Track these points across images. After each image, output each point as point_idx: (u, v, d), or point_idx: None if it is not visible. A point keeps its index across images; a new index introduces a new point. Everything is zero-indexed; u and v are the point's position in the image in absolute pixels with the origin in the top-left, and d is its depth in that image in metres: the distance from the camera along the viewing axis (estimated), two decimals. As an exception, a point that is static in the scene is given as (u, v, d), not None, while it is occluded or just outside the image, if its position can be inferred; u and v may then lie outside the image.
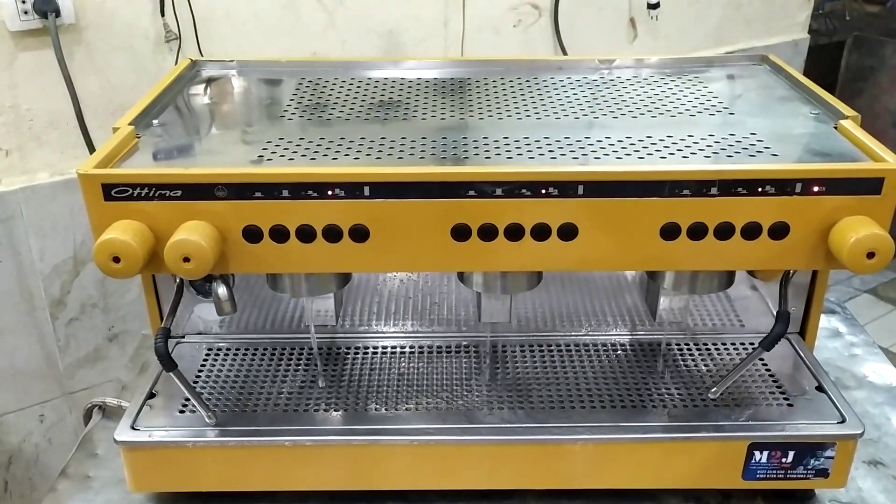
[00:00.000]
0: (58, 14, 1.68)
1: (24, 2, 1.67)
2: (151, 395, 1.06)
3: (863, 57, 3.69)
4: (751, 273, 1.14)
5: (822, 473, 1.00)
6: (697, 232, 0.90)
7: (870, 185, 0.88)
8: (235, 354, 1.15)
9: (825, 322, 1.48)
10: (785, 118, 1.06)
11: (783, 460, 0.99)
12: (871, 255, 0.85)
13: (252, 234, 0.90)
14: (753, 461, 0.99)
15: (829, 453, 0.99)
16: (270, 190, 0.89)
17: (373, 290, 1.18)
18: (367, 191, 0.89)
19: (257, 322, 1.19)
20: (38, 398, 2.06)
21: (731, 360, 1.13)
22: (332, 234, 0.90)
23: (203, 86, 1.23)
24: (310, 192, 0.89)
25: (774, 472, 1.00)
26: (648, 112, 1.08)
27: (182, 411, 1.03)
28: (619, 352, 1.15)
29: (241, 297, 1.16)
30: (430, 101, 1.13)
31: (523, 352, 1.16)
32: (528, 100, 1.13)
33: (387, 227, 0.90)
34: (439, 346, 1.17)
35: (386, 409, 1.03)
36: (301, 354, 1.15)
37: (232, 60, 1.30)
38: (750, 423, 1.00)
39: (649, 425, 1.00)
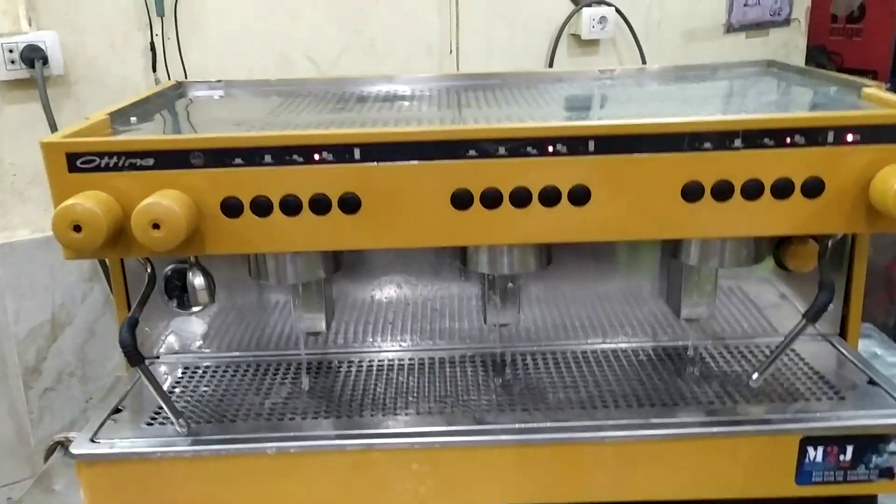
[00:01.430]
0: (45, 62, 1.65)
1: (10, 51, 1.64)
2: (117, 411, 0.94)
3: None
4: (781, 265, 1.04)
5: (888, 474, 0.87)
6: (723, 191, 0.81)
7: (908, 131, 0.80)
8: (215, 372, 1.04)
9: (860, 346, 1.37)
10: (804, 96, 1.00)
11: (841, 458, 0.87)
12: (920, 199, 0.76)
13: (231, 208, 0.81)
14: (807, 460, 0.87)
15: (892, 448, 0.86)
16: (251, 156, 0.81)
17: (367, 303, 1.08)
18: (357, 154, 0.81)
19: (241, 341, 1.08)
20: (5, 478, 1.89)
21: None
22: (320, 205, 0.81)
23: (187, 101, 1.18)
24: (294, 157, 0.81)
25: (832, 473, 0.87)
26: (659, 101, 1.02)
27: (150, 423, 0.91)
28: (641, 358, 1.04)
29: (225, 315, 1.06)
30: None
31: (535, 361, 1.04)
32: (529, 103, 1.07)
33: (380, 195, 0.82)
34: (442, 359, 1.05)
35: (383, 415, 0.91)
36: (288, 370, 1.04)
37: (219, 80, 1.26)
38: (800, 415, 0.88)
39: (685, 421, 0.88)
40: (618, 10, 2.44)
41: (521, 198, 0.81)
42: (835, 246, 0.98)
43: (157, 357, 1.07)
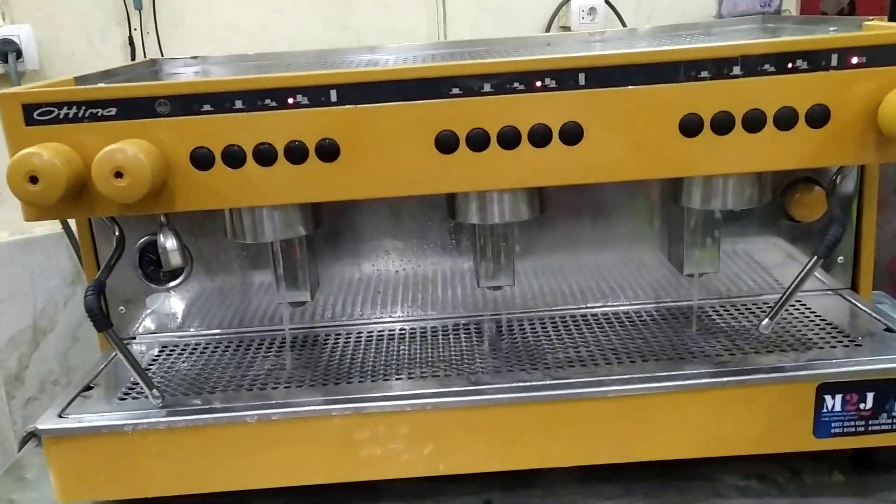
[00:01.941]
0: (20, 56, 1.61)
1: (-17, 47, 1.60)
2: (88, 388, 0.88)
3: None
4: (787, 216, 1.00)
5: (910, 422, 0.82)
6: (723, 124, 0.76)
7: (917, 52, 0.76)
8: (195, 349, 0.98)
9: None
10: (801, 34, 0.95)
11: (861, 406, 0.81)
12: (933, 118, 0.72)
13: (202, 159, 0.76)
14: (825, 409, 0.81)
15: (914, 393, 0.81)
16: (221, 101, 0.76)
17: (354, 273, 1.02)
18: (333, 96, 0.76)
19: (223, 319, 1.02)
20: (-10, 493, 1.82)
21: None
22: (296, 153, 0.76)
23: (161, 75, 1.13)
24: (267, 102, 0.76)
25: (852, 423, 0.82)
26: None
27: (123, 398, 0.85)
28: (644, 318, 0.99)
29: (205, 293, 1.01)
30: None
31: (532, 325, 0.99)
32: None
33: (359, 140, 0.77)
34: (434, 328, 1.00)
35: (372, 381, 0.85)
36: (272, 345, 0.98)
37: (195, 57, 1.21)
38: (816, 361, 0.83)
39: (693, 373, 0.82)
40: (607, 2, 2.41)
41: (509, 138, 0.76)
42: (843, 198, 0.94)
43: (134, 338, 1.02)
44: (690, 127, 0.77)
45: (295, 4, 2.00)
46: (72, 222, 1.63)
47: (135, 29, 1.77)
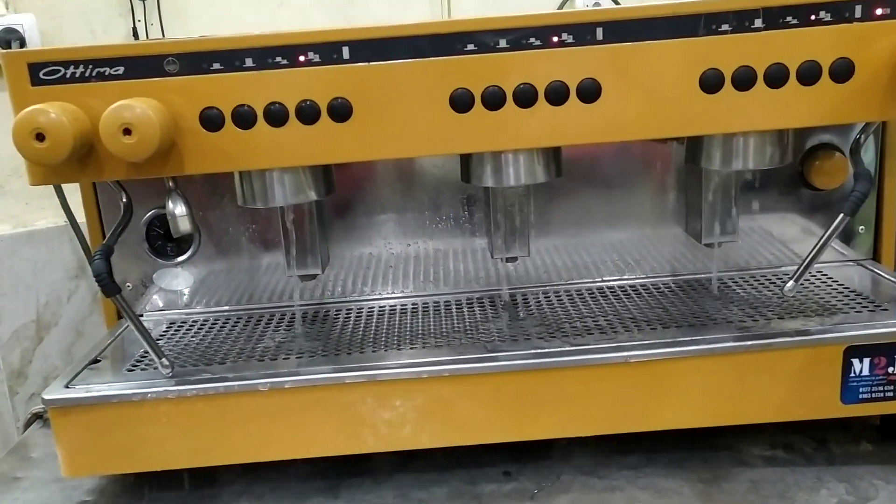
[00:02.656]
0: (23, 46, 1.59)
1: (-14, 35, 1.59)
2: (96, 361, 0.86)
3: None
4: (807, 185, 0.97)
5: (940, 386, 0.79)
6: (745, 79, 0.75)
7: (943, 2, 0.74)
8: (203, 324, 0.96)
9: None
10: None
11: (890, 369, 0.79)
12: (963, 66, 0.70)
13: (211, 120, 0.74)
14: (853, 373, 0.79)
15: (944, 355, 0.79)
16: (230, 59, 0.74)
17: (365, 249, 1.00)
18: (346, 53, 0.74)
19: (232, 295, 1.00)
20: (-7, 490, 1.79)
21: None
22: (308, 113, 0.75)
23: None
24: (278, 60, 0.74)
25: (881, 388, 0.79)
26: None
27: (132, 370, 0.83)
28: (662, 290, 0.96)
29: (214, 270, 0.99)
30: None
31: (548, 297, 0.97)
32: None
33: (372, 99, 0.75)
34: (448, 302, 0.98)
35: (385, 350, 0.83)
36: (282, 320, 0.96)
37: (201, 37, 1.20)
38: (842, 325, 0.80)
39: (717, 337, 0.80)
40: (612, -2, 2.40)
41: (526, 96, 0.75)
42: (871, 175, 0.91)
43: (141, 315, 0.99)
44: (711, 83, 0.75)
45: (298, -2, 1.98)
46: (77, 213, 1.61)
47: (138, 20, 1.75)
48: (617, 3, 2.39)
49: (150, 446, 0.79)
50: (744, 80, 0.75)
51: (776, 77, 0.75)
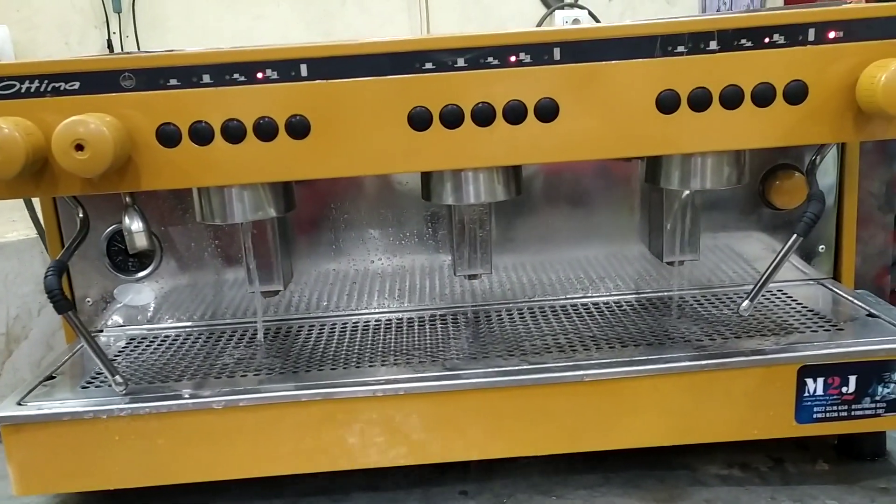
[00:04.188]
0: (-5, 56, 1.59)
1: (-42, 46, 1.58)
2: (51, 378, 0.85)
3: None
4: (768, 205, 0.98)
5: (895, 407, 0.80)
6: (700, 100, 0.75)
7: (894, 27, 0.75)
8: (164, 341, 0.95)
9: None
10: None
11: (844, 390, 0.79)
12: (912, 89, 0.71)
13: (168, 136, 0.74)
14: (807, 393, 0.79)
15: (898, 376, 0.79)
16: (188, 76, 0.74)
17: (329, 266, 1.00)
18: (304, 70, 0.74)
19: (193, 312, 1.00)
20: (-40, 506, 1.77)
21: (756, 306, 0.94)
22: (266, 130, 0.75)
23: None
24: (236, 77, 0.74)
25: (835, 408, 0.80)
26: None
27: (86, 387, 0.82)
28: (624, 307, 0.97)
29: (176, 286, 0.98)
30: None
31: (510, 315, 0.97)
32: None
33: (331, 116, 0.75)
34: (410, 319, 0.98)
35: (345, 368, 0.83)
36: (243, 336, 0.95)
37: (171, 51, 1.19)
38: (797, 344, 0.81)
39: (673, 356, 0.80)
40: (591, 14, 2.42)
41: (484, 115, 0.75)
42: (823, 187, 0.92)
43: (101, 330, 0.99)
44: (668, 104, 0.75)
45: (277, 10, 1.99)
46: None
47: (114, 32, 1.76)
48: (597, 21, 2.42)
49: (103, 465, 0.78)
50: (700, 101, 0.75)
51: (731, 98, 0.75)
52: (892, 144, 1.30)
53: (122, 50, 1.75)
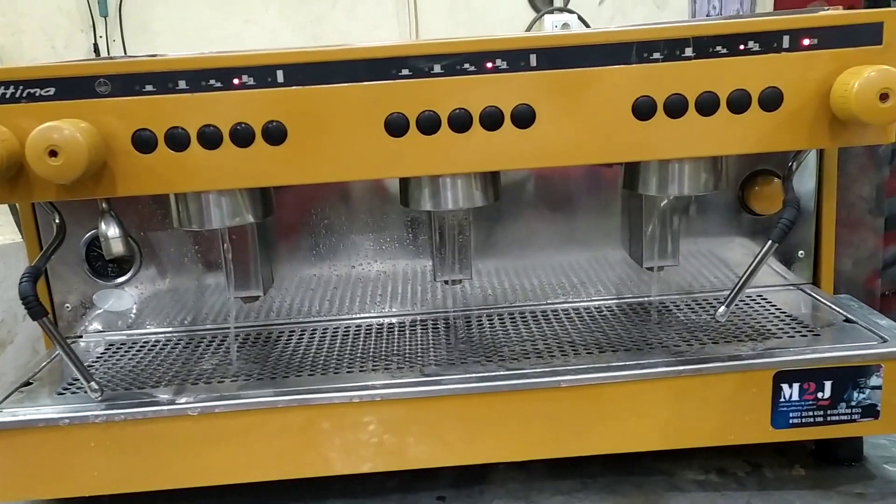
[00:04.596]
0: (-21, 60, 1.59)
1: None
2: (27, 384, 0.85)
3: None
4: (748, 210, 0.99)
5: (871, 412, 0.80)
6: (676, 106, 0.76)
7: (867, 34, 0.75)
8: (142, 347, 0.95)
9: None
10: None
11: (819, 395, 0.79)
12: (884, 96, 0.71)
13: (144, 142, 0.74)
14: (783, 398, 0.79)
15: (874, 381, 0.79)
16: (164, 81, 0.74)
17: (309, 271, 1.00)
18: (280, 76, 0.74)
19: (173, 317, 0.99)
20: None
21: (735, 311, 0.94)
22: (242, 136, 0.75)
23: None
24: (212, 82, 0.74)
25: (811, 414, 0.80)
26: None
27: (62, 393, 0.82)
28: (604, 313, 0.97)
29: (154, 289, 0.98)
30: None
31: (490, 320, 0.97)
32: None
33: (307, 122, 0.75)
34: (391, 324, 0.98)
35: (322, 374, 0.83)
36: (222, 342, 0.95)
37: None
38: (773, 350, 0.81)
39: (649, 362, 0.80)
40: (580, 18, 2.43)
41: (461, 121, 0.75)
42: (802, 193, 0.92)
43: (80, 336, 0.98)
44: (644, 110, 0.76)
45: (265, 14, 1.99)
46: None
47: (100, 36, 1.75)
48: (587, 25, 2.43)
49: (78, 471, 0.78)
50: (676, 107, 0.76)
51: (707, 105, 0.76)
52: (881, 149, 1.30)
53: (108, 54, 1.75)
